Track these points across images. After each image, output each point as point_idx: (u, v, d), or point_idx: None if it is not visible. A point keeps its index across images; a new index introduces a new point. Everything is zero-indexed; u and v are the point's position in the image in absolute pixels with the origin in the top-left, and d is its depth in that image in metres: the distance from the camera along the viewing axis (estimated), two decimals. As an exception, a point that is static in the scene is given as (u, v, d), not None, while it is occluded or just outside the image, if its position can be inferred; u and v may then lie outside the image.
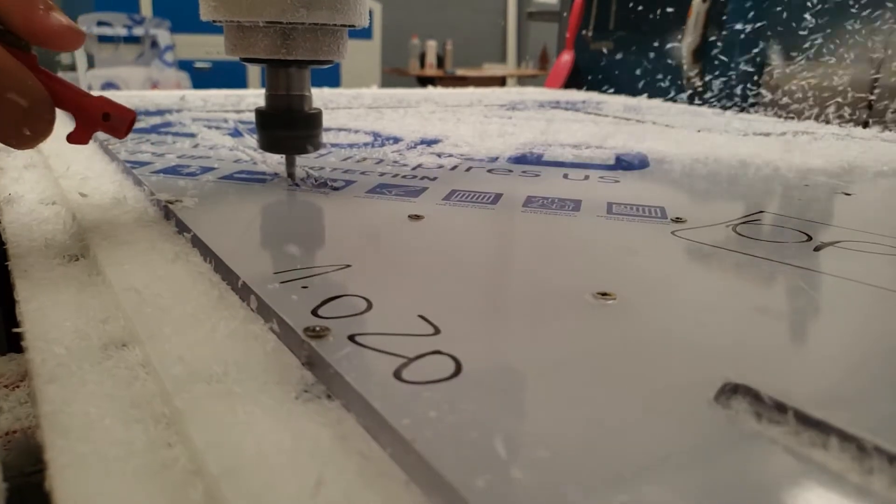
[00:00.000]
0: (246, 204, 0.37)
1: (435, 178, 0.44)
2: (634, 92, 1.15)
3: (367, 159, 0.50)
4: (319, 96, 0.94)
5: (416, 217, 0.35)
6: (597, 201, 0.39)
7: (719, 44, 1.24)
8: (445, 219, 0.35)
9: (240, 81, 3.02)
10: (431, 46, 4.69)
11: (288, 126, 0.38)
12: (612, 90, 1.26)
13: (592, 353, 0.20)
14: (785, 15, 1.23)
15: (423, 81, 4.47)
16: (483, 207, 0.37)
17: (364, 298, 0.24)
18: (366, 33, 4.27)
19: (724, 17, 1.27)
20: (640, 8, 1.44)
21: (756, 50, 1.23)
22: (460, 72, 4.57)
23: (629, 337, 0.22)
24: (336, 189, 0.40)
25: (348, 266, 0.27)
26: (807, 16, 1.20)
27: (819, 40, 1.21)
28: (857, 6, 1.19)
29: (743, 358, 0.20)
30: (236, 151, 0.50)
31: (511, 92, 1.06)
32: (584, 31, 1.54)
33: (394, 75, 4.40)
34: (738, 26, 1.25)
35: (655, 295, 0.25)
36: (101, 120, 0.31)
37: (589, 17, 1.52)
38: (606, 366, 0.19)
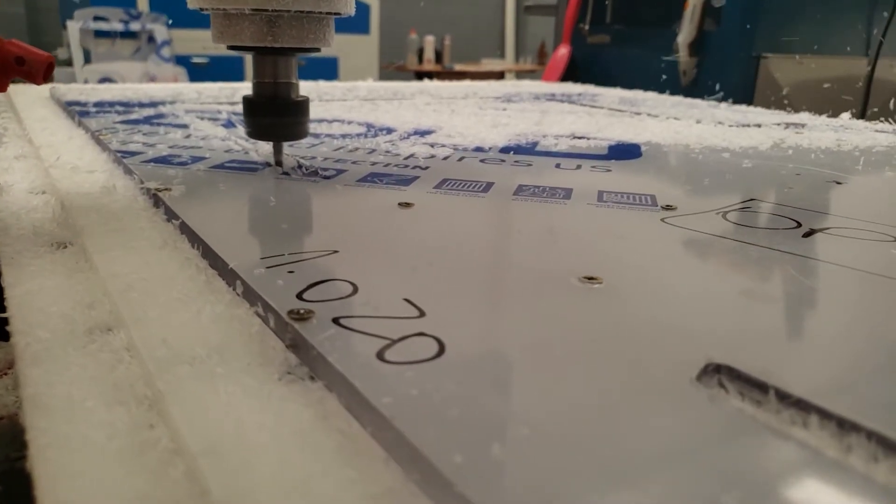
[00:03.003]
0: (234, 192, 0.37)
1: (427, 168, 0.44)
2: (632, 85, 1.14)
3: (359, 149, 0.50)
4: (315, 89, 0.94)
5: (407, 205, 0.35)
6: (588, 189, 0.39)
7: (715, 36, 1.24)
8: (436, 206, 0.35)
9: (237, 76, 3.01)
10: (430, 42, 4.68)
11: (275, 113, 0.38)
12: (609, 83, 1.26)
13: (576, 335, 0.20)
14: (782, 6, 1.23)
15: (421, 77, 4.46)
16: (474, 195, 0.37)
17: (350, 283, 0.24)
18: (363, 28, 4.25)
19: (713, 5, 1.27)
20: (637, 1, 1.43)
21: (753, 42, 1.23)
22: (458, 67, 4.56)
23: (614, 319, 0.22)
24: (326, 178, 0.40)
25: (335, 252, 0.27)
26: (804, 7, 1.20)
27: (816, 32, 1.21)
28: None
29: (727, 340, 0.20)
30: (228, 142, 0.50)
31: (507, 84, 1.06)
32: (580, 25, 1.54)
33: (392, 70, 4.39)
34: (735, 19, 1.25)
35: (642, 279, 0.25)
36: (15, 65, 0.31)
37: (586, 11, 1.52)
38: (589, 347, 0.19)
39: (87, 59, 2.57)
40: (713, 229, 0.32)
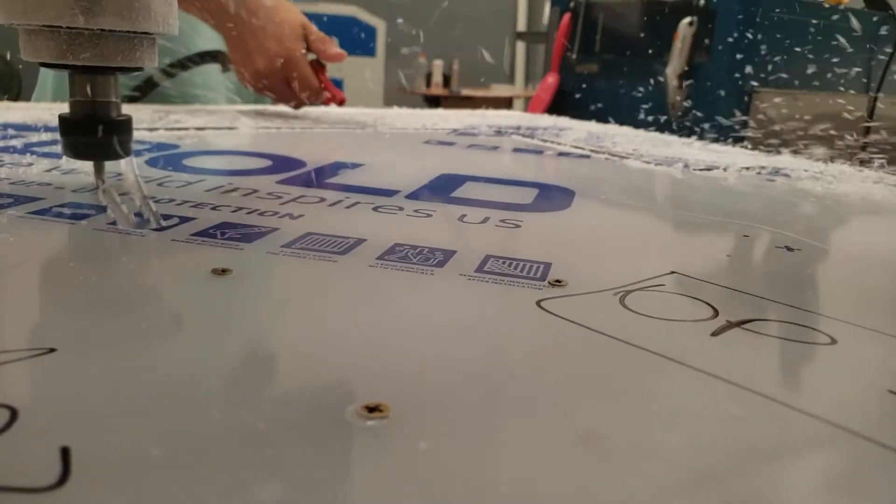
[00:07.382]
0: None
1: (299, 216, 0.37)
2: (620, 117, 1.08)
3: (237, 189, 0.43)
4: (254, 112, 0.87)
5: (223, 271, 0.28)
6: (473, 253, 0.32)
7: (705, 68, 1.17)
8: (257, 274, 0.28)
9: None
10: (438, 66, 4.65)
11: (90, 132, 0.33)
12: (596, 114, 1.20)
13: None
14: (776, 39, 1.16)
15: (430, 101, 4.43)
16: (325, 259, 0.30)
17: (9, 407, 0.17)
18: (369, 51, 4.24)
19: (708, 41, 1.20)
20: (626, 30, 1.37)
21: (745, 76, 1.16)
22: (465, 92, 4.52)
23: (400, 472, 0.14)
24: (160, 229, 0.33)
25: (52, 350, 0.20)
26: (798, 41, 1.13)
27: (812, 67, 1.14)
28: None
29: None
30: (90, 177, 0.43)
31: (475, 115, 1.00)
32: (569, 53, 1.48)
33: (399, 94, 4.36)
34: (727, 51, 1.18)
35: (446, 411, 0.18)
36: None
37: (574, 39, 1.46)
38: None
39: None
40: (597, 318, 0.25)
